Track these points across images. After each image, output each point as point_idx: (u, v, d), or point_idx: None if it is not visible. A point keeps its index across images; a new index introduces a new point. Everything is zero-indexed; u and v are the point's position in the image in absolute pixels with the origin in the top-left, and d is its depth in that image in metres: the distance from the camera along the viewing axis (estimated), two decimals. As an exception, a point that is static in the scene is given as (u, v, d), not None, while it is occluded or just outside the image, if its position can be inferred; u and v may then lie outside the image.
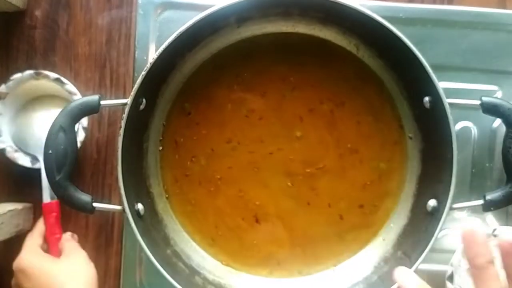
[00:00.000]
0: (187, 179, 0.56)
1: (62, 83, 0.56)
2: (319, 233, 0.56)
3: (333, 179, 0.56)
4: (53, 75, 0.56)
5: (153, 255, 0.48)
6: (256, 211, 0.56)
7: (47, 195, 0.56)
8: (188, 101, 0.56)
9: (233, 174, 0.56)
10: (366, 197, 0.56)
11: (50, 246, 0.57)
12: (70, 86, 0.56)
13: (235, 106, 0.56)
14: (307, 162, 0.56)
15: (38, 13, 0.59)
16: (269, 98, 0.56)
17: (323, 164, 0.56)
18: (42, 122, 0.57)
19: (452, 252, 0.53)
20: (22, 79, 0.56)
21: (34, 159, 0.57)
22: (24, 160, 0.57)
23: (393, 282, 0.48)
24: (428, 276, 0.56)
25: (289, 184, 0.56)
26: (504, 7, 0.59)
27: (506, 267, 0.41)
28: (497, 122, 0.58)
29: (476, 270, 0.41)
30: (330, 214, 0.56)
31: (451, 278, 0.52)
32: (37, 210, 0.58)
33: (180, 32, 0.48)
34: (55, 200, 0.56)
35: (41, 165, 0.56)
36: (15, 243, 0.57)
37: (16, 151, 0.57)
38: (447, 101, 0.48)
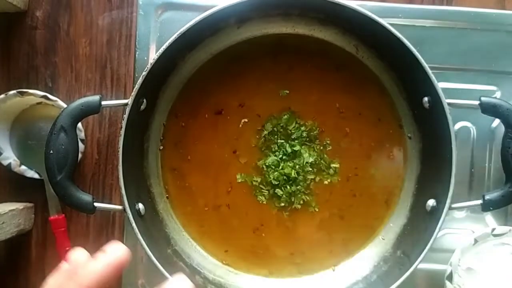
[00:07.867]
0: (188, 179, 0.57)
1: (49, 100, 0.55)
2: (319, 233, 0.57)
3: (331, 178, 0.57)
4: (39, 93, 0.55)
5: (153, 254, 0.48)
6: (256, 210, 0.57)
7: (53, 209, 0.57)
8: (188, 102, 0.56)
9: (234, 174, 0.57)
10: (366, 197, 0.57)
11: (62, 259, 0.57)
12: (59, 102, 0.56)
13: (234, 106, 0.56)
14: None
15: (39, 13, 0.59)
16: (268, 99, 0.56)
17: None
18: (36, 135, 0.57)
19: (451, 251, 0.53)
20: (6, 99, 0.55)
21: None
22: (31, 173, 0.57)
23: (393, 282, 0.48)
24: (428, 276, 0.57)
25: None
26: (503, 8, 0.59)
27: None
28: (496, 122, 0.58)
29: None
30: (330, 215, 0.57)
31: (450, 277, 0.52)
32: (38, 210, 0.58)
33: (180, 33, 0.48)
34: (62, 215, 0.57)
35: (44, 178, 0.56)
36: (16, 243, 0.57)
37: (20, 164, 0.57)
38: (446, 101, 0.48)
